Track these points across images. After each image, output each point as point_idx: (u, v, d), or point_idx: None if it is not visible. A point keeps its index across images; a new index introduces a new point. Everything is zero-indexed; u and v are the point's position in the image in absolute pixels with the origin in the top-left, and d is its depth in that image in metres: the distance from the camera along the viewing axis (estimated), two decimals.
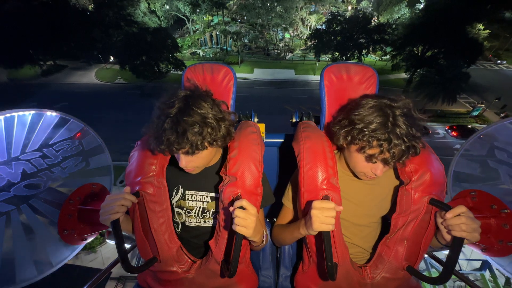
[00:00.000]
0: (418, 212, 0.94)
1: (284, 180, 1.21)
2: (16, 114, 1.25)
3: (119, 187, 11.94)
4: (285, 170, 1.59)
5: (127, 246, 1.04)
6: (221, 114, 0.95)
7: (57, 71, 26.50)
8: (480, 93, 22.21)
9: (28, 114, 1.27)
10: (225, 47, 29.82)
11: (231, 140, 1.04)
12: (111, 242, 10.42)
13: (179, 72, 24.76)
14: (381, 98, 0.92)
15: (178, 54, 25.49)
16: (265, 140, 1.48)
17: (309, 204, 0.91)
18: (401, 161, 0.89)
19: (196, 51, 29.83)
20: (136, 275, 1.12)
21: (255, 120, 1.48)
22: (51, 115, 1.34)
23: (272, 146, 1.57)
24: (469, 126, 18.29)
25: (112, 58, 26.20)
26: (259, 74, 26.44)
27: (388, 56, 24.86)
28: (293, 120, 1.51)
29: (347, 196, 1.07)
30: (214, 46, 30.73)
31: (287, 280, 1.29)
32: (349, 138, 0.94)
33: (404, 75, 24.33)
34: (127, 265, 0.86)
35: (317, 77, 25.53)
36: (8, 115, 1.22)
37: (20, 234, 1.08)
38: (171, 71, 24.66)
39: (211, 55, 29.34)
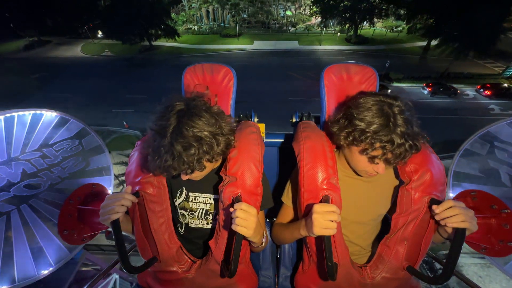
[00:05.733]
0: (419, 212, 0.94)
1: (284, 180, 1.20)
2: (16, 114, 1.25)
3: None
4: (285, 170, 1.58)
5: (127, 246, 1.04)
6: (218, 128, 0.88)
7: (40, 46, 25.86)
8: (509, 59, 20.07)
9: (28, 114, 1.28)
10: (222, 24, 28.55)
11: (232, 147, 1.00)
12: None
13: (171, 44, 23.70)
14: (379, 95, 0.90)
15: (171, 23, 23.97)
16: (265, 140, 1.48)
17: (310, 206, 0.90)
18: (403, 160, 0.88)
19: (191, 27, 28.75)
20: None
21: (255, 120, 1.48)
22: (51, 115, 1.34)
23: (272, 146, 1.57)
24: (505, 85, 16.15)
25: (100, 33, 25.22)
26: (259, 45, 25.06)
27: (401, 28, 22.67)
28: (293, 120, 1.51)
29: (346, 194, 1.07)
30: (211, 23, 29.42)
31: (287, 280, 1.29)
32: (350, 139, 0.92)
33: (419, 43, 22.47)
34: (127, 265, 0.86)
35: (323, 47, 24.16)
36: (8, 115, 1.22)
37: (20, 234, 1.08)
38: (162, 37, 23.49)
39: (207, 30, 28.17)
